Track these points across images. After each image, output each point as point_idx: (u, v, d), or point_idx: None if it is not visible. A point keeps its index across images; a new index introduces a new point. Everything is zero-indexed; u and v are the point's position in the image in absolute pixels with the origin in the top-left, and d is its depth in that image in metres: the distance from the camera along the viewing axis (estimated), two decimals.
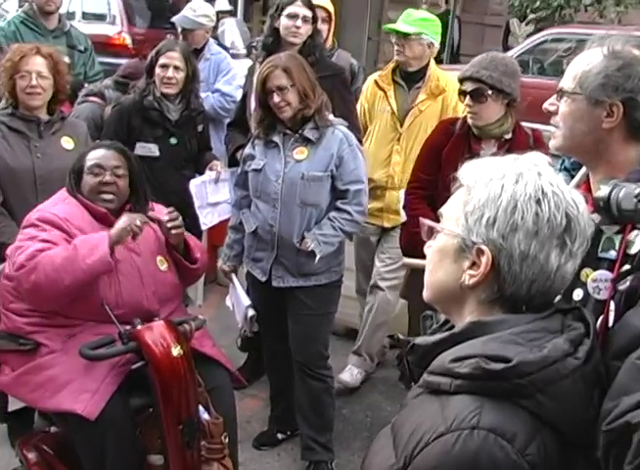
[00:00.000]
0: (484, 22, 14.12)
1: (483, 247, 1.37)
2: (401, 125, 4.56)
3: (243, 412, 3.92)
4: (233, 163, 4.52)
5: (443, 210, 1.50)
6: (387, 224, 4.67)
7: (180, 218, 3.36)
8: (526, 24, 13.58)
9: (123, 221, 3.14)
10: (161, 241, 3.43)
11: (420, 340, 1.45)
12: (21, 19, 5.46)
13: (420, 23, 4.48)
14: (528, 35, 12.25)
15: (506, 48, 12.54)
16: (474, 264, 1.40)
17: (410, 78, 4.58)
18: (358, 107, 4.69)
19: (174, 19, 5.76)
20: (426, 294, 1.51)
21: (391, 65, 4.67)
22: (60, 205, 3.31)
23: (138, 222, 3.13)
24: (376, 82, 4.69)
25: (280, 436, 4.23)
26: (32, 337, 3.18)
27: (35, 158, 3.95)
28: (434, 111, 4.49)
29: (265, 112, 3.69)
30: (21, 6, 6.48)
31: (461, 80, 3.62)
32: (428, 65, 4.55)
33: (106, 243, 3.08)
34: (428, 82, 4.52)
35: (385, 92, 4.62)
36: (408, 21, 4.49)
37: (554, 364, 1.30)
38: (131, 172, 3.41)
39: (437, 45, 4.55)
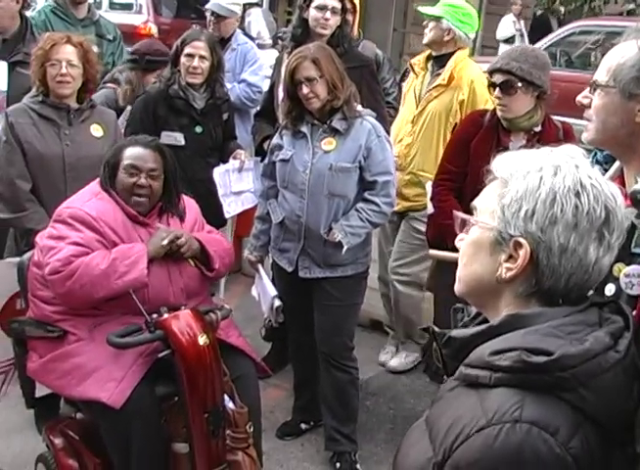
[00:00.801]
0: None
1: (522, 240, 1.36)
2: (417, 108, 4.56)
3: (266, 402, 3.93)
4: (260, 153, 4.53)
5: (477, 202, 1.48)
6: (396, 208, 4.64)
7: (181, 240, 3.31)
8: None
9: (162, 237, 3.22)
10: (188, 231, 3.45)
11: (456, 333, 1.44)
12: (51, 8, 5.49)
13: (443, 8, 4.47)
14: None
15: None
16: (510, 257, 1.38)
17: (436, 63, 4.57)
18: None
19: (209, 4, 5.71)
20: (459, 287, 1.50)
21: (428, 50, 4.67)
22: (92, 200, 3.30)
23: (179, 241, 3.25)
24: (411, 66, 4.71)
25: (303, 426, 4.24)
26: (59, 325, 3.21)
27: (65, 145, 3.99)
28: (445, 99, 4.45)
29: (293, 102, 3.68)
30: None
31: (490, 72, 3.60)
32: (454, 52, 4.51)
33: (144, 261, 3.13)
34: (446, 69, 4.49)
35: (416, 75, 4.63)
36: (437, 4, 4.51)
37: (596, 358, 1.29)
38: (166, 172, 3.40)
39: (461, 34, 4.47)
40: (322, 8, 4.32)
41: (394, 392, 4.72)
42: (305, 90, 3.58)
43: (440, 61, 4.53)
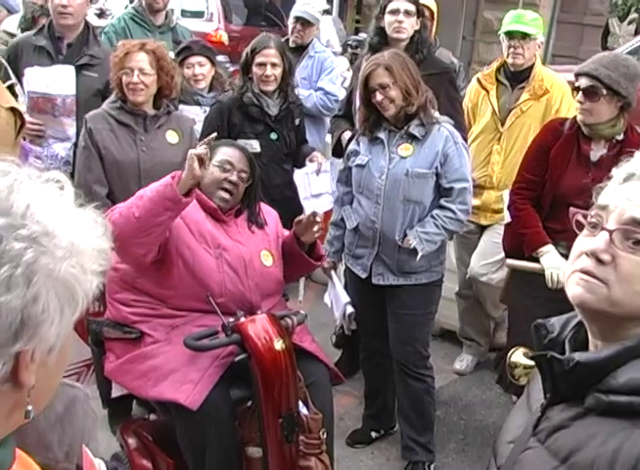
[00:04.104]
0: (584, 22, 13.80)
1: None
2: (502, 125, 4.50)
3: (337, 409, 3.90)
4: (338, 150, 4.54)
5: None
6: (484, 222, 4.63)
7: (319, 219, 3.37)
8: (628, 24, 13.23)
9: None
10: (271, 236, 3.46)
11: (585, 357, 1.32)
12: (130, 15, 5.61)
13: (534, 23, 4.45)
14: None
15: (605, 49, 12.24)
16: None
17: (514, 78, 4.51)
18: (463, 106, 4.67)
19: (297, 12, 5.73)
20: (615, 310, 1.31)
21: (496, 64, 4.61)
22: None
23: (197, 151, 3.03)
24: (479, 81, 4.63)
25: (374, 434, 4.22)
26: (137, 326, 3.24)
27: (141, 151, 4.04)
28: (537, 111, 4.41)
29: (369, 109, 3.68)
30: (131, 1, 6.61)
31: (577, 75, 3.52)
32: (533, 64, 4.48)
33: (172, 175, 3.05)
34: (532, 82, 4.45)
35: (487, 91, 4.57)
36: (523, 21, 4.43)
37: None
38: (251, 180, 3.42)
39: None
40: (395, 11, 4.32)
41: (466, 402, 4.68)
42: (379, 97, 3.58)
43: (521, 74, 4.49)
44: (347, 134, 4.47)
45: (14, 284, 0.92)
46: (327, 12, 10.34)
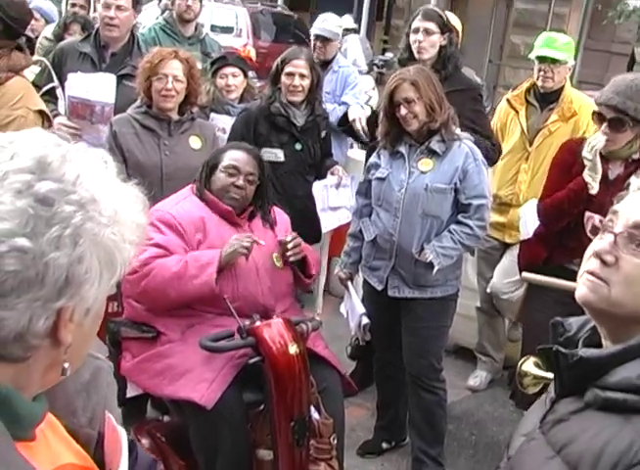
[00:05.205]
0: (611, 49, 13.81)
1: None
2: (530, 145, 4.55)
3: (348, 420, 3.92)
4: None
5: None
6: (508, 240, 4.67)
7: (300, 242, 3.48)
8: None
9: (231, 244, 3.25)
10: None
11: (589, 353, 1.36)
12: (160, 25, 5.71)
13: (566, 48, 4.50)
14: None
15: None
16: None
17: (544, 99, 4.57)
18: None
19: (315, 29, 5.85)
20: (615, 310, 1.36)
21: (525, 84, 4.66)
22: (180, 203, 3.43)
23: (245, 243, 3.25)
24: (508, 102, 4.70)
25: (385, 445, 4.24)
26: (153, 325, 3.31)
27: (164, 155, 4.11)
28: (565, 133, 4.45)
29: (391, 123, 3.73)
30: (163, 12, 6.73)
31: (599, 105, 3.47)
32: (563, 86, 4.54)
33: (214, 266, 3.20)
34: (561, 104, 4.51)
35: (517, 112, 4.62)
36: (555, 46, 4.48)
37: None
38: (261, 180, 3.51)
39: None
40: (415, 30, 4.36)
41: (477, 418, 4.70)
42: (404, 111, 3.62)
43: (551, 96, 4.54)
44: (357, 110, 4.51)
45: (62, 243, 0.98)
46: (355, 31, 10.45)
